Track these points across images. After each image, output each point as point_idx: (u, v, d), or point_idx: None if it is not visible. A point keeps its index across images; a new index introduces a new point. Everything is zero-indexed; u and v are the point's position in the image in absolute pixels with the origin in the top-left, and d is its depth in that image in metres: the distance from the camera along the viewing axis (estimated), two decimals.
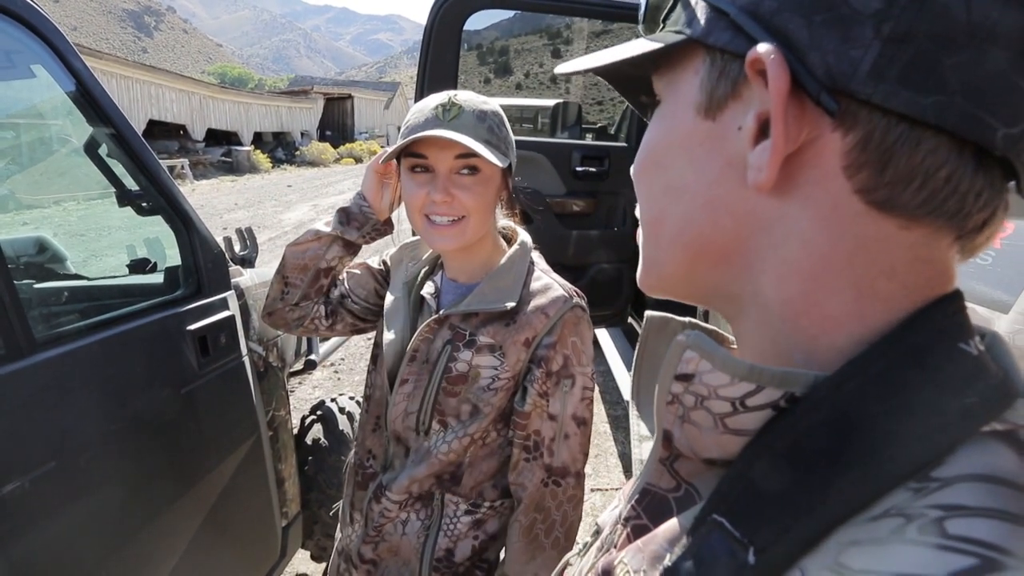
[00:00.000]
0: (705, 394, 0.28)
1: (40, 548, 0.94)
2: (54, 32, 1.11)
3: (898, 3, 0.23)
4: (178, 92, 22.31)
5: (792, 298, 0.28)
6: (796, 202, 0.27)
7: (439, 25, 2.18)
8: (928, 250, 0.26)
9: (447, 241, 0.84)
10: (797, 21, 0.25)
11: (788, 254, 0.27)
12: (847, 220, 0.26)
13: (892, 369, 0.25)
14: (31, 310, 0.99)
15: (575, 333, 0.86)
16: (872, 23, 0.23)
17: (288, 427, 1.76)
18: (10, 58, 1.21)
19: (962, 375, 0.25)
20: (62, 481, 0.97)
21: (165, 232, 1.37)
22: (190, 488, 1.29)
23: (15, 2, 1.04)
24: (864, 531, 0.22)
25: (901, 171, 0.24)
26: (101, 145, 1.28)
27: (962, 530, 0.20)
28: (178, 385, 1.25)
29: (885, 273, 0.26)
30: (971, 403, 0.24)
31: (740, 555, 0.24)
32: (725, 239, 0.29)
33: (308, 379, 4.06)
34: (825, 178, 0.26)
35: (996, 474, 0.22)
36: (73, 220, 7.42)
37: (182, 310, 1.29)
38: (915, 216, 0.25)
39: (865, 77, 0.23)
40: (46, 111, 1.82)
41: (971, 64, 0.22)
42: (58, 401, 0.99)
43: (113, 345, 1.11)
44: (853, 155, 0.25)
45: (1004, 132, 0.23)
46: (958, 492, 0.22)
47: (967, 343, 0.26)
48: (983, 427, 0.24)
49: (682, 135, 0.30)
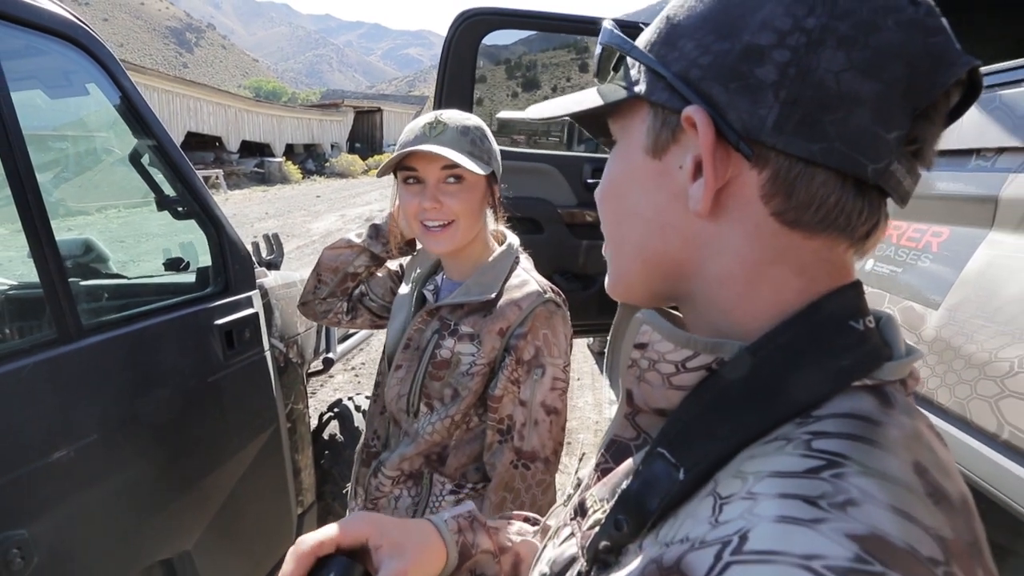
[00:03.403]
0: (656, 358, 0.35)
1: (78, 512, 1.05)
2: (107, 54, 1.25)
3: (788, 76, 0.30)
4: (215, 105, 23.16)
5: (729, 296, 0.35)
6: (727, 224, 0.34)
7: (457, 42, 2.30)
8: (828, 253, 0.34)
9: (440, 244, 0.95)
10: (718, 87, 0.32)
11: (724, 263, 0.35)
12: (767, 236, 0.33)
13: (793, 340, 0.33)
14: (79, 302, 1.12)
15: (546, 326, 0.93)
16: (772, 90, 0.31)
17: (306, 420, 1.86)
18: (68, 78, 1.35)
19: (843, 344, 0.33)
20: (101, 452, 1.09)
21: (199, 237, 1.50)
22: (213, 469, 1.40)
23: (75, 29, 1.18)
24: (759, 450, 0.30)
25: (803, 198, 0.32)
26: (144, 155, 1.42)
27: (821, 446, 0.28)
28: (205, 374, 1.37)
29: (796, 272, 0.34)
30: (846, 364, 0.32)
31: (674, 474, 0.32)
32: (676, 255, 0.37)
33: (330, 381, 4.19)
34: (748, 205, 0.33)
35: (854, 412, 0.30)
36: (114, 227, 7.77)
37: (211, 306, 1.41)
38: (815, 230, 0.33)
39: (771, 130, 0.31)
40: (96, 125, 1.99)
41: (843, 120, 0.30)
42: (101, 381, 1.11)
43: (149, 335, 1.23)
44: (767, 187, 0.32)
45: (872, 167, 0.31)
46: (825, 423, 0.30)
47: (856, 321, 0.33)
48: (855, 382, 0.32)
49: (635, 171, 0.37)
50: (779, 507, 0.25)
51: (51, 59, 1.25)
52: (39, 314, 1.07)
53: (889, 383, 0.33)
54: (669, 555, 0.28)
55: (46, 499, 1.00)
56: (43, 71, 1.35)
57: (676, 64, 0.34)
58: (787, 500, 0.25)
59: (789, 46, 0.30)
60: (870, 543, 0.23)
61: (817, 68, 0.30)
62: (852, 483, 0.26)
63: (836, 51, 0.30)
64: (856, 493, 0.25)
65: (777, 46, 0.31)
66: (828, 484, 0.26)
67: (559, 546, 0.41)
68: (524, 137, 3.74)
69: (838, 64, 0.30)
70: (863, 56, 0.30)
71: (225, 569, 1.47)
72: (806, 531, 0.24)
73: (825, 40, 0.30)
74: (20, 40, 1.12)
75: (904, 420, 0.31)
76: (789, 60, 0.30)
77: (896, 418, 0.31)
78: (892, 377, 0.32)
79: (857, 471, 0.26)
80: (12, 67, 1.05)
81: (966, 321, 0.64)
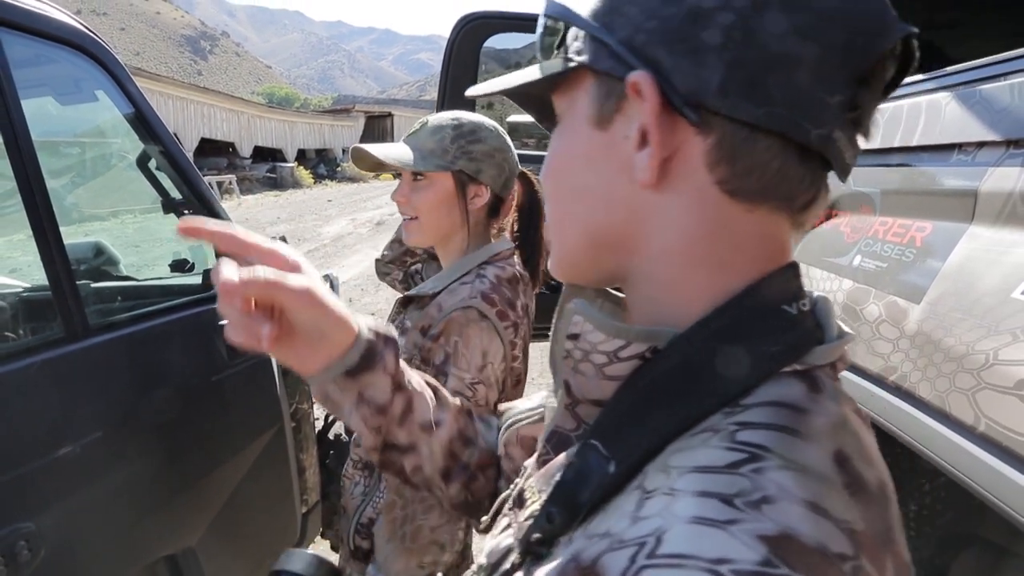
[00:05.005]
0: (588, 349, 0.35)
1: (84, 507, 1.08)
2: (114, 62, 1.29)
3: (732, 38, 0.30)
4: (228, 112, 23.46)
5: (668, 275, 0.35)
6: (673, 194, 0.33)
7: (459, 46, 2.32)
8: (769, 227, 0.33)
9: (408, 236, 0.99)
10: (663, 51, 0.31)
11: (666, 237, 0.34)
12: (709, 206, 0.33)
13: (726, 326, 0.32)
14: (87, 302, 1.15)
15: (459, 333, 0.88)
16: (716, 53, 0.30)
17: (310, 420, 1.89)
18: (78, 85, 1.39)
19: (775, 329, 0.32)
20: (107, 449, 1.12)
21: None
22: (217, 466, 1.42)
23: (84, 37, 1.22)
24: (686, 442, 0.30)
25: (746, 164, 0.31)
26: (151, 159, 1.45)
27: (745, 437, 0.28)
28: (210, 373, 1.39)
29: (735, 249, 0.33)
30: (776, 350, 0.32)
31: (605, 467, 0.32)
32: (621, 229, 0.36)
33: None
34: (693, 173, 0.32)
35: (782, 400, 0.30)
36: (130, 231, 7.89)
37: (216, 306, 1.44)
38: (756, 200, 0.32)
39: (715, 93, 0.31)
40: (106, 130, 2.04)
41: (786, 83, 0.30)
42: (107, 379, 1.14)
43: (155, 334, 1.26)
44: (712, 154, 0.32)
45: (816, 133, 0.31)
46: (752, 413, 0.29)
47: (790, 305, 0.33)
48: (785, 368, 0.31)
49: (581, 145, 0.36)
50: (696, 507, 0.25)
51: (61, 67, 1.29)
52: (48, 314, 1.10)
53: (819, 367, 0.32)
54: (588, 553, 0.28)
55: (53, 493, 1.03)
56: (54, 79, 1.39)
57: (621, 30, 0.33)
58: (704, 499, 0.26)
59: (734, 8, 0.30)
60: (779, 544, 0.23)
61: (761, 30, 0.30)
62: (770, 478, 0.26)
63: (779, 13, 0.30)
64: (773, 489, 0.25)
65: (722, 8, 0.30)
66: (746, 480, 0.26)
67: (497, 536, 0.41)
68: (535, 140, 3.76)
69: (780, 27, 0.30)
70: (804, 19, 0.30)
71: (229, 566, 1.50)
72: (718, 533, 0.24)
73: (769, 2, 0.30)
74: (32, 49, 1.15)
75: (831, 406, 0.31)
76: (733, 22, 0.30)
77: (823, 405, 0.31)
78: (822, 361, 0.32)
79: (777, 465, 0.26)
80: (24, 75, 1.08)
81: (946, 315, 0.64)
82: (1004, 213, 0.62)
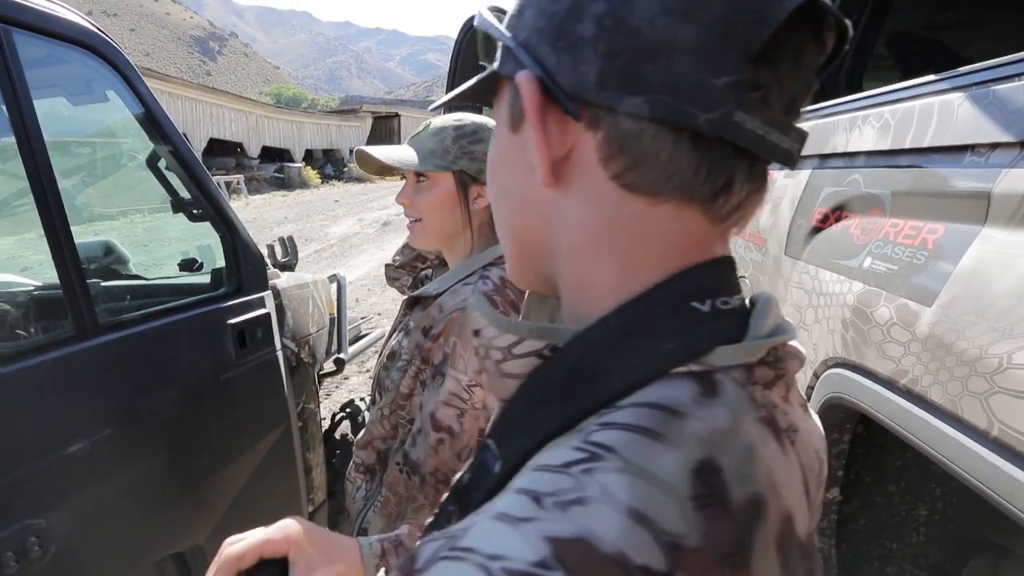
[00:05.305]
0: (487, 345, 0.34)
1: (93, 504, 1.09)
2: (124, 62, 1.30)
3: (604, 28, 0.29)
4: (236, 112, 23.60)
5: (579, 274, 0.34)
6: (574, 193, 0.32)
7: (466, 48, 2.33)
8: (676, 223, 0.31)
9: (413, 238, 0.98)
10: (546, 49, 0.31)
11: (574, 236, 0.33)
12: (610, 203, 0.31)
13: (623, 323, 0.31)
14: (97, 301, 1.16)
15: (458, 334, 0.88)
16: (592, 45, 0.29)
17: (317, 420, 1.89)
18: (89, 85, 1.41)
19: (675, 327, 0.30)
20: (115, 446, 1.12)
21: (216, 240, 1.54)
22: (225, 464, 1.43)
23: (95, 38, 1.23)
24: (556, 442, 0.29)
25: (636, 156, 0.30)
26: (160, 159, 1.47)
27: (597, 437, 0.27)
28: (218, 372, 1.40)
29: (641, 245, 0.32)
30: (670, 348, 0.30)
31: (493, 467, 0.31)
32: (536, 231, 0.35)
33: (344, 383, 4.24)
34: (589, 171, 0.31)
35: (659, 401, 0.28)
36: (139, 231, 7.96)
37: (223, 306, 1.45)
38: (655, 193, 0.30)
39: (594, 87, 0.29)
40: (117, 130, 2.05)
41: (665, 69, 0.28)
42: (116, 377, 1.15)
43: (163, 333, 1.27)
44: (603, 149, 0.30)
45: (705, 117, 0.28)
46: (621, 414, 0.28)
47: (702, 301, 0.31)
48: (679, 368, 0.29)
49: (502, 148, 0.37)
50: (507, 504, 0.25)
51: (73, 67, 1.30)
52: (59, 312, 1.11)
53: (723, 369, 0.30)
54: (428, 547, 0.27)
55: (63, 490, 1.03)
56: (66, 79, 1.40)
57: (522, 33, 0.33)
58: (518, 496, 0.25)
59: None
60: (568, 547, 0.22)
61: (632, 16, 0.28)
62: (598, 479, 0.25)
63: None
64: (593, 491, 0.24)
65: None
66: (570, 480, 0.25)
67: None
68: None
69: (652, 10, 0.28)
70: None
71: None
72: (508, 531, 0.23)
73: None
74: (45, 50, 1.16)
75: (718, 413, 0.28)
76: (605, 11, 0.29)
77: (709, 410, 0.28)
78: (724, 363, 0.30)
79: (614, 467, 0.25)
80: (37, 76, 1.09)
81: (958, 317, 0.63)
82: (1018, 215, 0.61)
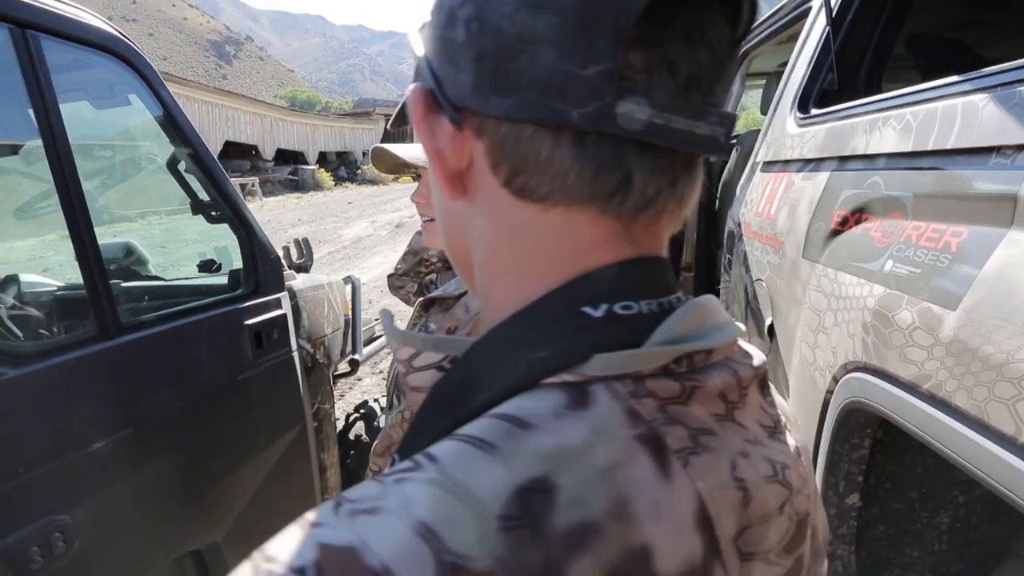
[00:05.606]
0: (396, 358, 0.34)
1: (115, 500, 1.11)
2: (146, 66, 1.32)
3: (472, 31, 0.28)
4: (251, 115, 23.88)
5: (485, 284, 0.34)
6: (476, 205, 0.32)
7: None
8: (569, 227, 0.30)
9: (427, 237, 0.99)
10: (438, 61, 0.31)
11: (480, 248, 0.33)
12: (504, 212, 0.31)
13: (508, 332, 0.30)
14: (119, 301, 1.18)
15: None
16: (464, 50, 0.29)
17: (332, 420, 1.91)
18: (112, 89, 1.43)
19: (551, 334, 0.29)
20: (136, 444, 1.14)
21: (232, 241, 1.56)
22: (241, 464, 1.44)
23: (118, 43, 1.26)
24: None
25: (518, 161, 0.29)
26: (180, 162, 1.49)
27: (433, 448, 0.26)
28: (235, 371, 1.42)
29: (535, 252, 0.31)
30: (540, 357, 0.28)
31: None
32: (458, 241, 0.35)
33: (358, 384, 4.27)
34: (484, 181, 0.31)
35: (513, 413, 0.26)
36: (156, 232, 8.07)
37: (241, 307, 1.46)
38: (544, 198, 0.29)
39: (471, 94, 0.29)
40: (137, 133, 2.09)
41: (529, 65, 0.27)
42: (137, 376, 1.17)
43: (183, 333, 1.29)
44: (491, 156, 0.30)
45: (579, 112, 0.26)
46: (472, 424, 0.27)
47: (595, 307, 0.29)
48: (551, 377, 0.28)
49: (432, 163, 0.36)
50: (316, 510, 0.25)
51: (96, 72, 1.32)
52: (83, 312, 1.13)
53: (600, 380, 0.28)
54: None
55: (86, 487, 1.05)
56: (90, 83, 1.43)
57: (428, 47, 0.33)
58: (327, 503, 0.25)
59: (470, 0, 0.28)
60: (334, 555, 0.22)
61: (493, 15, 0.27)
62: (403, 490, 0.24)
63: None
64: (391, 502, 0.23)
65: (461, 4, 0.29)
66: (379, 488, 0.24)
67: None
68: None
69: (510, 5, 0.27)
70: None
71: None
72: (297, 534, 0.23)
73: None
74: (70, 55, 1.19)
75: (575, 429, 0.26)
76: (470, 14, 0.28)
77: (564, 424, 0.26)
78: (600, 372, 0.27)
79: (426, 478, 0.24)
80: (63, 80, 1.12)
81: (983, 322, 0.62)
82: None
